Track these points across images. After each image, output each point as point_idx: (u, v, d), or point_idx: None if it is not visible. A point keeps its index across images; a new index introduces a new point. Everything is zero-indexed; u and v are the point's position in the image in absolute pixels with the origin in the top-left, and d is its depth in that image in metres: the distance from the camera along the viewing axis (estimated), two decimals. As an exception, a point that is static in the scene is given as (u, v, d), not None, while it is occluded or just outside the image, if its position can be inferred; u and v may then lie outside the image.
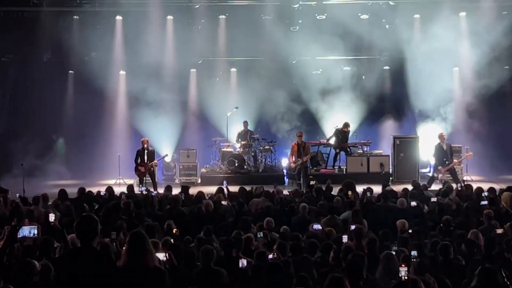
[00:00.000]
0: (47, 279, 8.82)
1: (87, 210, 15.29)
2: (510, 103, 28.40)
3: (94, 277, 7.25)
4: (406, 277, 8.52)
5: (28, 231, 11.07)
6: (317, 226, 13.62)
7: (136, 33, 26.69)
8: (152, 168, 24.20)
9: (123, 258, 7.72)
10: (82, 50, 27.67)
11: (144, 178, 24.03)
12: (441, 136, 24.03)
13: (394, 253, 10.83)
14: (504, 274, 5.45)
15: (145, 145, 24.16)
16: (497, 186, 20.20)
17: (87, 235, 7.54)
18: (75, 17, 27.80)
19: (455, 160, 24.02)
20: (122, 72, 28.29)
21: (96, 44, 27.46)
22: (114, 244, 11.40)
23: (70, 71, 28.68)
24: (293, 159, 23.98)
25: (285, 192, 19.00)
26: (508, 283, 5.41)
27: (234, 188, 19.44)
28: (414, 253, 10.76)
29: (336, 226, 14.24)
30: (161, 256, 8.63)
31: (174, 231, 13.30)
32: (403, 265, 8.97)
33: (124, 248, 7.91)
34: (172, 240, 11.71)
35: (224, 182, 20.02)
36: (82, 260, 7.38)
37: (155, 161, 24.46)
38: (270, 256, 10.28)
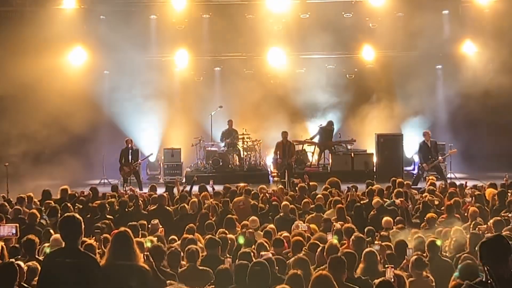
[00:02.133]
0: (31, 280, 8.79)
1: (71, 211, 15.23)
2: (493, 100, 28.46)
3: (78, 277, 7.23)
4: (392, 278, 8.52)
5: (7, 230, 11.05)
6: (303, 225, 13.62)
7: (120, 33, 26.56)
8: (136, 168, 24.24)
9: (106, 257, 7.71)
10: (66, 49, 27.52)
11: (129, 178, 24.09)
12: (426, 134, 24.09)
13: (377, 249, 10.90)
14: (486, 271, 5.45)
15: (129, 145, 24.28)
16: (480, 184, 20.31)
17: (70, 235, 7.51)
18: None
19: (439, 158, 24.11)
20: (106, 72, 28.19)
21: (80, 43, 27.34)
22: (98, 244, 11.37)
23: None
24: (279, 158, 24.09)
25: (270, 191, 19.04)
26: (490, 280, 5.41)
27: (218, 188, 19.46)
28: (409, 251, 10.81)
29: (320, 224, 14.28)
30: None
31: (159, 231, 13.31)
32: (389, 267, 8.97)
33: (108, 247, 7.90)
34: (156, 239, 11.70)
35: (210, 182, 20.05)
36: (66, 260, 7.36)
37: (139, 161, 24.49)
38: (265, 254, 10.21)
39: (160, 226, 13.68)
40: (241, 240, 11.75)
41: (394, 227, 13.80)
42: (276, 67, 28.65)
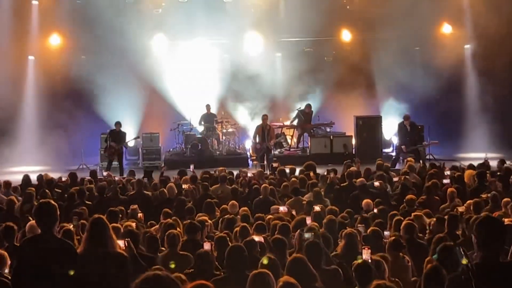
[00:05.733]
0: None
1: (49, 196, 15.13)
2: (471, 80, 28.59)
3: (54, 264, 7.19)
4: (370, 259, 8.55)
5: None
6: (283, 208, 13.63)
7: (97, 18, 26.40)
8: (121, 150, 24.27)
9: (83, 245, 7.67)
10: (42, 35, 27.34)
11: (112, 161, 24.11)
12: (405, 117, 24.19)
13: (362, 231, 10.96)
14: (462, 252, 5.46)
15: (118, 128, 24.27)
16: (459, 165, 20.40)
17: (46, 221, 7.46)
18: (34, 2, 27.44)
19: (424, 142, 24.36)
20: (84, 57, 27.98)
21: (57, 28, 27.17)
22: (76, 230, 11.30)
23: (30, 57, 28.32)
24: (258, 141, 24.13)
25: (249, 174, 19.04)
26: (468, 263, 5.42)
27: (197, 172, 19.43)
28: (386, 233, 10.86)
29: (300, 208, 14.29)
30: (120, 243, 8.56)
31: (139, 216, 13.27)
32: (366, 248, 8.99)
33: (84, 234, 7.86)
34: (135, 225, 11.65)
35: (191, 166, 20.02)
36: (42, 247, 7.31)
37: (127, 142, 24.53)
38: (257, 239, 10.17)
39: (140, 211, 13.64)
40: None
41: (374, 209, 13.81)
42: (253, 50, 28.59)
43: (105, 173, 20.76)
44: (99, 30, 26.41)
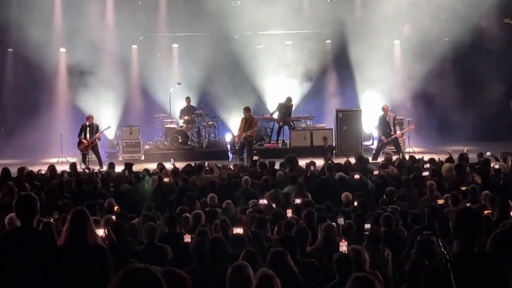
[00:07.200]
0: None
1: (28, 189, 15.06)
2: (450, 74, 28.70)
3: (34, 257, 7.17)
4: (346, 252, 8.59)
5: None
6: (263, 201, 13.65)
7: (77, 9, 26.31)
8: (95, 142, 24.06)
9: (63, 237, 7.65)
10: (21, 27, 27.18)
11: (87, 155, 23.93)
12: (384, 108, 24.25)
13: (341, 224, 11.00)
14: (441, 244, 5.50)
15: (90, 122, 24.09)
16: (438, 157, 20.48)
17: (26, 214, 7.44)
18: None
19: (398, 132, 24.30)
20: (63, 50, 27.87)
21: (36, 21, 27.01)
22: (56, 223, 11.28)
23: (9, 49, 28.17)
24: (238, 133, 24.20)
25: (229, 166, 19.06)
26: (445, 252, 5.46)
27: (178, 165, 19.41)
28: (367, 226, 10.90)
29: (279, 200, 14.31)
30: (100, 232, 8.57)
31: (115, 209, 13.26)
32: (343, 240, 9.03)
33: (65, 226, 7.84)
34: (114, 217, 11.65)
35: (172, 160, 20.01)
36: (22, 240, 7.29)
37: (98, 133, 24.28)
38: (237, 231, 10.17)
39: (116, 204, 13.63)
40: None
41: (354, 202, 13.86)
42: (234, 43, 28.56)
43: (83, 166, 20.70)
44: (78, 22, 26.29)
